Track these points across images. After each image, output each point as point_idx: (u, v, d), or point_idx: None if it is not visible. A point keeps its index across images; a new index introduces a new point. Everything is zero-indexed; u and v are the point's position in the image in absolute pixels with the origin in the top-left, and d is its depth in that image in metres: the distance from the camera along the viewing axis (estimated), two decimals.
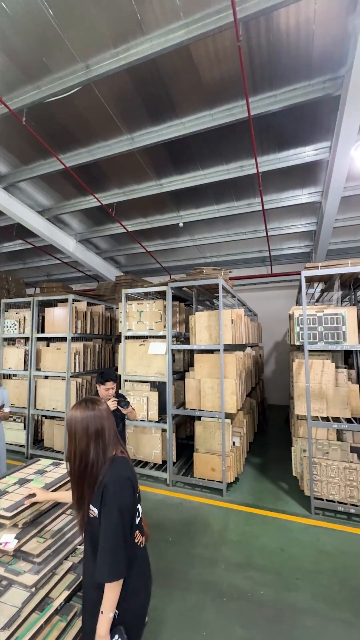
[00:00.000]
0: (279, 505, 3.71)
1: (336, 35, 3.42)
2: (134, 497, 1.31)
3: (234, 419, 4.72)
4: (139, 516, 1.37)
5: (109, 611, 1.20)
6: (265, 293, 9.69)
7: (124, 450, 1.41)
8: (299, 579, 2.57)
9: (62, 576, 1.55)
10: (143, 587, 1.34)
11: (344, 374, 3.76)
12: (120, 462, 1.34)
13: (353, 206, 6.52)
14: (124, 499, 1.26)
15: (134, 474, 1.38)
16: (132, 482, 1.32)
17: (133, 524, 1.30)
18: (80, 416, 1.32)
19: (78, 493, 1.30)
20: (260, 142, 4.93)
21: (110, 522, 1.21)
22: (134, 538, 1.31)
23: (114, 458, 1.34)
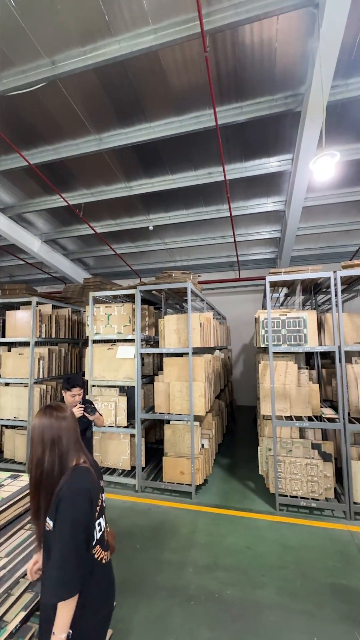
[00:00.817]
0: (246, 504, 3.79)
1: (296, 55, 3.63)
2: (90, 511, 1.23)
3: (203, 421, 4.77)
4: (100, 530, 1.30)
5: (61, 631, 1.12)
6: (234, 297, 9.94)
7: (88, 460, 1.35)
8: (265, 575, 2.64)
9: (18, 596, 1.46)
10: (103, 605, 1.28)
11: (305, 374, 3.95)
12: (81, 472, 1.27)
13: (314, 216, 6.92)
14: (78, 512, 1.19)
15: (95, 485, 1.30)
16: (89, 495, 1.24)
17: (90, 539, 1.23)
18: (37, 423, 1.27)
19: (35, 504, 1.24)
20: (227, 150, 5.08)
21: (62, 536, 1.14)
22: (94, 553, 1.25)
23: (75, 468, 1.27)
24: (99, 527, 1.29)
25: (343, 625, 2.16)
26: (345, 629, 2.14)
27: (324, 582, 2.55)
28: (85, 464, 1.32)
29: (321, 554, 2.88)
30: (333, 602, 2.36)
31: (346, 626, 2.16)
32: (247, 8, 3.13)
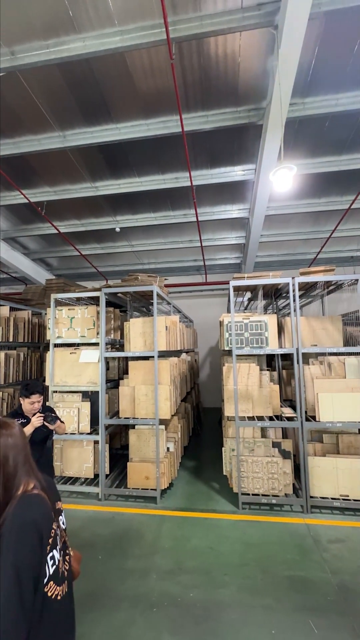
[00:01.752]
0: (210, 505, 3.84)
1: (258, 71, 3.81)
2: (40, 547, 1.05)
3: (168, 425, 4.76)
4: (54, 564, 1.12)
5: None
6: (201, 300, 10.10)
7: (40, 483, 1.17)
8: (227, 574, 2.69)
9: None
10: None
11: (267, 375, 4.11)
12: (28, 501, 1.08)
13: (276, 224, 7.27)
14: (23, 552, 1.00)
15: (47, 514, 1.11)
16: (37, 528, 1.05)
17: (41, 578, 1.05)
18: None
19: None
20: (194, 157, 5.18)
21: (3, 579, 0.96)
22: (46, 591, 1.07)
23: (21, 497, 1.08)
24: (52, 562, 1.11)
25: (299, 615, 2.27)
26: (301, 619, 2.24)
27: (283, 575, 2.66)
28: (35, 489, 1.13)
29: (280, 549, 2.99)
30: (290, 594, 2.46)
31: (302, 616, 2.26)
32: (212, 21, 3.23)
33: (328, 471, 3.64)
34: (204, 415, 8.84)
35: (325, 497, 3.61)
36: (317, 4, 3.04)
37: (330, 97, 4.13)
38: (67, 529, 1.29)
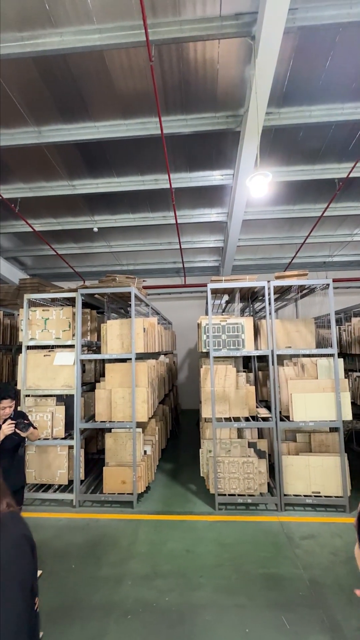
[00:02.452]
0: (187, 508, 3.84)
1: (236, 79, 3.89)
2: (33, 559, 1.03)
3: (146, 428, 4.72)
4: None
5: None
6: (180, 302, 10.13)
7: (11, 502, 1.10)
8: (202, 576, 2.70)
9: None
10: None
11: (243, 377, 4.19)
12: (10, 519, 1.04)
13: (253, 229, 7.43)
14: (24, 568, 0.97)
15: (28, 527, 1.08)
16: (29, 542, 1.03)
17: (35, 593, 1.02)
18: None
19: None
20: (173, 160, 5.20)
21: (9, 604, 0.90)
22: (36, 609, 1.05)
23: (4, 516, 1.04)
24: None
25: (272, 612, 2.31)
26: (274, 615, 2.28)
27: (257, 573, 2.70)
28: (9, 507, 1.08)
29: (255, 547, 3.05)
30: (264, 591, 2.50)
31: (275, 612, 2.31)
32: (191, 27, 3.27)
33: (301, 469, 3.75)
34: (183, 417, 8.86)
35: (298, 495, 3.72)
36: (292, 18, 3.15)
37: (304, 108, 4.29)
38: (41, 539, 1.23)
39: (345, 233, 7.68)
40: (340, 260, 9.18)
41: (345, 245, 8.32)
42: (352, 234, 7.69)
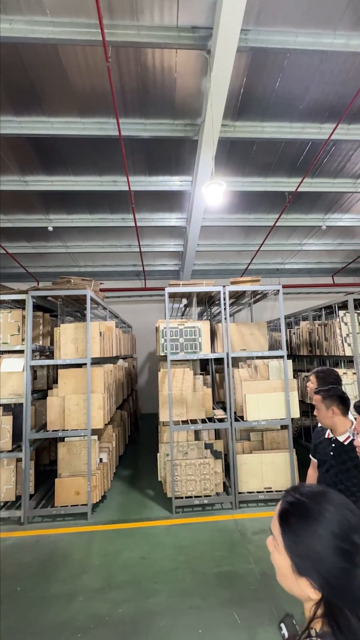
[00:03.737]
0: (145, 514, 3.79)
1: (193, 89, 4.00)
2: None
3: (102, 435, 4.59)
4: None
5: None
6: (140, 306, 10.05)
7: None
8: (158, 582, 2.67)
9: None
10: None
11: (200, 380, 4.27)
12: None
13: (211, 235, 7.66)
14: None
15: None
16: None
17: None
18: None
19: None
20: (132, 162, 5.17)
21: None
22: None
23: None
24: None
25: (225, 609, 2.36)
26: (227, 612, 2.34)
27: (211, 573, 2.75)
28: None
29: (210, 547, 3.10)
30: (217, 590, 2.55)
31: (228, 609, 2.36)
32: (149, 33, 3.30)
33: (254, 467, 3.91)
34: (142, 421, 8.75)
35: (251, 492, 3.87)
36: (244, 38, 3.33)
37: (257, 124, 4.55)
38: None
39: (295, 242, 8.24)
40: (292, 268, 9.83)
41: (295, 254, 8.93)
42: (301, 244, 8.28)
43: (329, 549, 0.64)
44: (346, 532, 0.65)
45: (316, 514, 0.67)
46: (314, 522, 0.67)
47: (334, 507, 0.68)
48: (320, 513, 0.67)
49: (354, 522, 0.67)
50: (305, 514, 0.68)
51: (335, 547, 0.64)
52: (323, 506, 0.68)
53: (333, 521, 0.66)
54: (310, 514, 0.68)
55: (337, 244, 8.39)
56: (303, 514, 0.68)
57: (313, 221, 7.03)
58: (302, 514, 0.69)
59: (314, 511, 0.68)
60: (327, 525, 0.66)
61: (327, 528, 0.66)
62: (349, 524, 0.66)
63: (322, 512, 0.67)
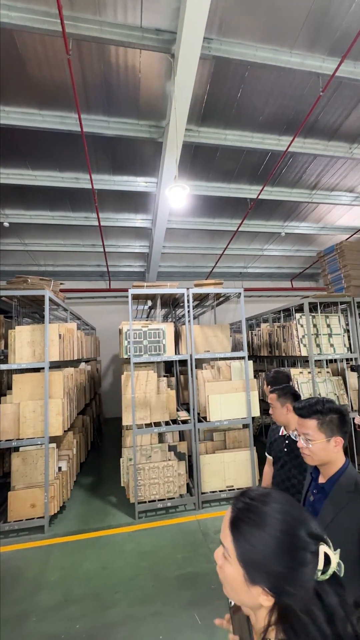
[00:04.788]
0: (106, 522, 3.68)
1: (158, 91, 4.00)
2: None
3: (62, 442, 4.38)
4: None
5: None
6: (104, 307, 9.80)
7: None
8: (118, 592, 2.60)
9: None
10: None
11: (164, 382, 4.25)
12: None
13: (177, 237, 7.70)
14: None
15: None
16: None
17: None
18: None
19: None
20: (95, 160, 5.04)
21: None
22: None
23: None
24: None
25: (186, 612, 2.36)
26: (188, 615, 2.34)
27: (173, 576, 2.74)
28: None
29: (173, 550, 3.09)
30: (178, 593, 2.55)
31: (188, 611, 2.36)
32: (112, 30, 3.24)
33: (217, 466, 3.98)
34: (107, 426, 8.52)
35: (214, 491, 3.93)
36: (207, 47, 3.41)
37: (220, 131, 4.67)
38: None
39: (257, 247, 8.59)
40: (254, 272, 10.22)
41: (257, 259, 9.30)
42: (263, 249, 8.64)
43: (278, 548, 0.64)
44: (292, 527, 0.66)
45: (265, 516, 0.67)
46: (263, 524, 0.66)
47: (280, 505, 0.69)
48: (269, 514, 0.67)
49: (297, 516, 0.68)
50: (256, 518, 0.67)
51: (283, 546, 0.64)
52: (271, 506, 0.68)
53: (279, 520, 0.66)
54: (260, 517, 0.67)
55: (295, 250, 8.89)
56: (254, 518, 0.67)
57: (273, 228, 7.37)
58: (252, 518, 0.67)
59: (263, 513, 0.67)
60: (275, 524, 0.66)
61: (275, 527, 0.65)
62: (294, 519, 0.67)
63: (270, 513, 0.67)
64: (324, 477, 1.29)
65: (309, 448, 1.26)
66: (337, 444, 1.24)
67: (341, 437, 1.25)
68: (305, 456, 1.29)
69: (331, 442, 1.24)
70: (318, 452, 1.25)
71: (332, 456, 1.25)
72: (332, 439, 1.24)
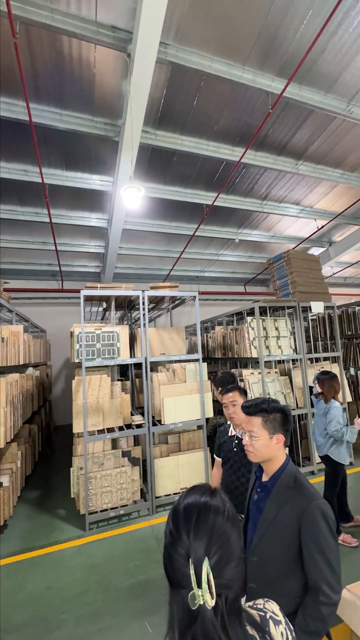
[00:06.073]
0: (54, 537, 3.45)
1: (114, 89, 3.93)
2: None
3: (4, 455, 4.03)
4: None
5: None
6: (57, 308, 9.29)
7: None
8: (65, 611, 2.44)
9: None
10: None
11: (118, 386, 4.14)
12: None
13: (134, 239, 7.61)
14: None
15: None
16: None
17: None
18: None
19: None
20: (46, 153, 4.78)
21: None
22: None
23: None
24: None
25: (137, 622, 2.30)
26: (139, 624, 2.28)
27: (124, 586, 2.65)
28: None
29: (125, 559, 3.00)
30: (129, 604, 2.47)
31: (139, 621, 2.30)
32: (64, 20, 3.11)
33: (171, 469, 3.97)
34: (58, 434, 8.06)
35: (168, 494, 3.91)
36: (164, 51, 3.44)
37: (177, 136, 4.73)
38: None
39: (213, 252, 8.84)
40: (210, 276, 10.51)
41: (213, 263, 9.57)
42: (218, 254, 8.93)
43: (166, 535, 0.70)
44: (174, 516, 0.71)
45: None
46: None
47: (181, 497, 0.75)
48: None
49: (180, 506, 0.72)
50: None
51: (168, 531, 0.70)
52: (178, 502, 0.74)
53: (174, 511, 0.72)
54: None
55: (248, 257, 9.33)
56: None
57: (228, 234, 7.65)
58: None
59: None
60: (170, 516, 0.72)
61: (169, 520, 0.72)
62: (176, 508, 0.72)
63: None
64: (267, 475, 1.35)
65: (253, 444, 1.31)
66: (279, 441, 1.30)
67: (283, 434, 1.31)
68: (249, 453, 1.34)
69: (273, 439, 1.30)
70: (261, 449, 1.30)
71: (273, 453, 1.30)
72: (274, 436, 1.30)
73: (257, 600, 0.83)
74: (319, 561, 1.12)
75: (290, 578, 1.19)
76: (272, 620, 0.77)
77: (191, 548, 0.65)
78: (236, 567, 0.67)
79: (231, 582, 0.66)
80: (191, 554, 0.64)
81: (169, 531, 0.70)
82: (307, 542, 1.15)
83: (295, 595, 1.18)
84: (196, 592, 0.61)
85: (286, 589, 1.18)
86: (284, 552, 1.19)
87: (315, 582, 1.12)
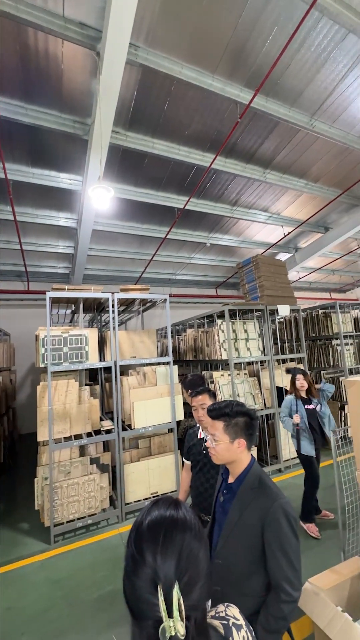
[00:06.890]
0: (15, 553, 3.25)
1: (83, 87, 3.84)
2: None
3: None
4: None
5: None
6: (21, 311, 8.86)
7: None
8: (25, 632, 2.30)
9: None
10: None
11: (86, 391, 4.02)
12: None
13: (104, 240, 7.47)
14: None
15: None
16: None
17: None
18: None
19: None
20: (10, 148, 4.56)
21: None
22: None
23: None
24: None
25: (104, 635, 2.22)
26: (105, 638, 2.20)
27: (91, 599, 2.56)
28: None
29: (92, 571, 2.89)
30: (97, 616, 2.39)
31: (106, 634, 2.23)
32: (29, 11, 3.00)
33: (142, 474, 3.91)
34: (23, 443, 7.64)
35: (138, 500, 3.85)
36: (134, 53, 3.42)
37: (148, 139, 4.71)
38: None
39: (184, 255, 8.90)
40: (182, 279, 10.57)
41: (185, 266, 9.64)
42: (190, 257, 9.01)
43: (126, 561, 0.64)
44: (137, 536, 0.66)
45: None
46: None
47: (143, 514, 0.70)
48: None
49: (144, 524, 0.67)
50: None
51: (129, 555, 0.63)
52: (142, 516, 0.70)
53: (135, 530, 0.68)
54: None
55: (219, 260, 9.50)
56: None
57: (199, 238, 7.75)
58: None
59: None
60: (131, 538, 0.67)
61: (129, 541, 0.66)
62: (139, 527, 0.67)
63: None
64: (232, 477, 1.36)
65: (215, 448, 1.31)
66: (240, 445, 1.31)
67: (245, 439, 1.32)
68: (212, 455, 1.35)
69: (234, 444, 1.31)
70: (222, 452, 1.31)
71: (235, 456, 1.32)
72: (235, 441, 1.31)
73: (219, 608, 0.83)
74: (281, 560, 1.14)
75: (254, 578, 1.21)
76: (235, 626, 0.77)
77: (159, 571, 0.58)
78: (203, 586, 0.62)
79: (199, 602, 0.60)
80: (160, 579, 0.57)
81: (130, 555, 0.62)
82: (270, 542, 1.17)
83: (258, 595, 1.20)
84: (166, 623, 0.54)
85: (249, 590, 1.20)
86: (248, 553, 1.21)
87: (277, 581, 1.14)
